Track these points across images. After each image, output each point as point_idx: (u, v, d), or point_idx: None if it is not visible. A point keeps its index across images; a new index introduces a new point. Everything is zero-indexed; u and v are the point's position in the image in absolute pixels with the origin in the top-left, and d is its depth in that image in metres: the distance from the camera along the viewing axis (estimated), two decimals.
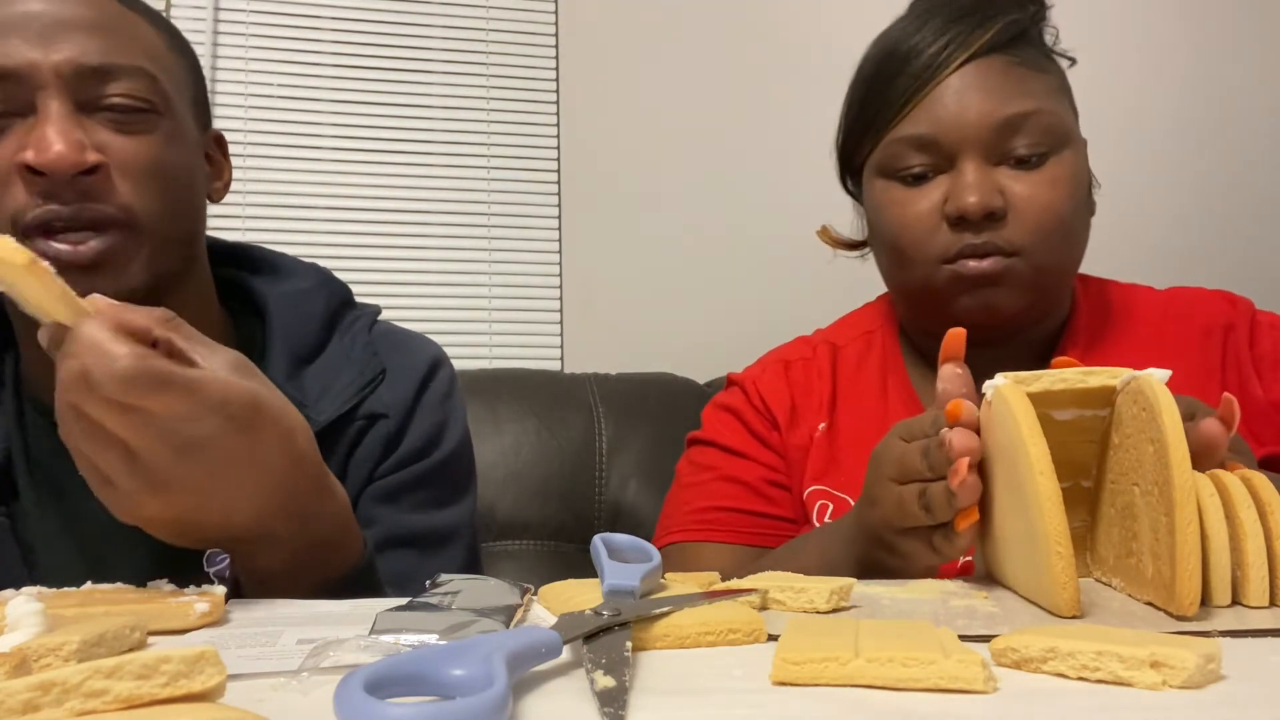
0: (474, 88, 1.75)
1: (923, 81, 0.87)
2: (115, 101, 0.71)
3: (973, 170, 0.85)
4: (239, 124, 1.66)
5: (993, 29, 0.88)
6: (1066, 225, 0.87)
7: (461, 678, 0.34)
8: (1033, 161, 0.86)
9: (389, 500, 0.82)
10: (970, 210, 0.84)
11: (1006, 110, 0.85)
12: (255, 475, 0.59)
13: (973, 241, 0.85)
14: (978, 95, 0.86)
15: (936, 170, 0.88)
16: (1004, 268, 0.85)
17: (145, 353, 0.54)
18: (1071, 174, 0.87)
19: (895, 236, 0.89)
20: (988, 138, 0.85)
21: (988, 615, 0.52)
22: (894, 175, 0.90)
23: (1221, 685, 0.38)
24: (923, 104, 0.87)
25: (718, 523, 0.94)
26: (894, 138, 0.89)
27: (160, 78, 0.74)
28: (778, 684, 0.39)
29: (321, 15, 1.70)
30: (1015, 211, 0.85)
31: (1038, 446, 0.51)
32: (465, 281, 1.73)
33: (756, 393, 0.98)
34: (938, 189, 0.87)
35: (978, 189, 0.84)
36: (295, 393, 0.80)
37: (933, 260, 0.87)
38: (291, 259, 0.90)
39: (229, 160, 0.85)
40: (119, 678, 0.30)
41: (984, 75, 0.87)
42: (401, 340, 0.89)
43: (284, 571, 0.63)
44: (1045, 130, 0.86)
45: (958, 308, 0.87)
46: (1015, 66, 0.87)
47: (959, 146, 0.86)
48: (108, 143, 0.71)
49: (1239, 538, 0.51)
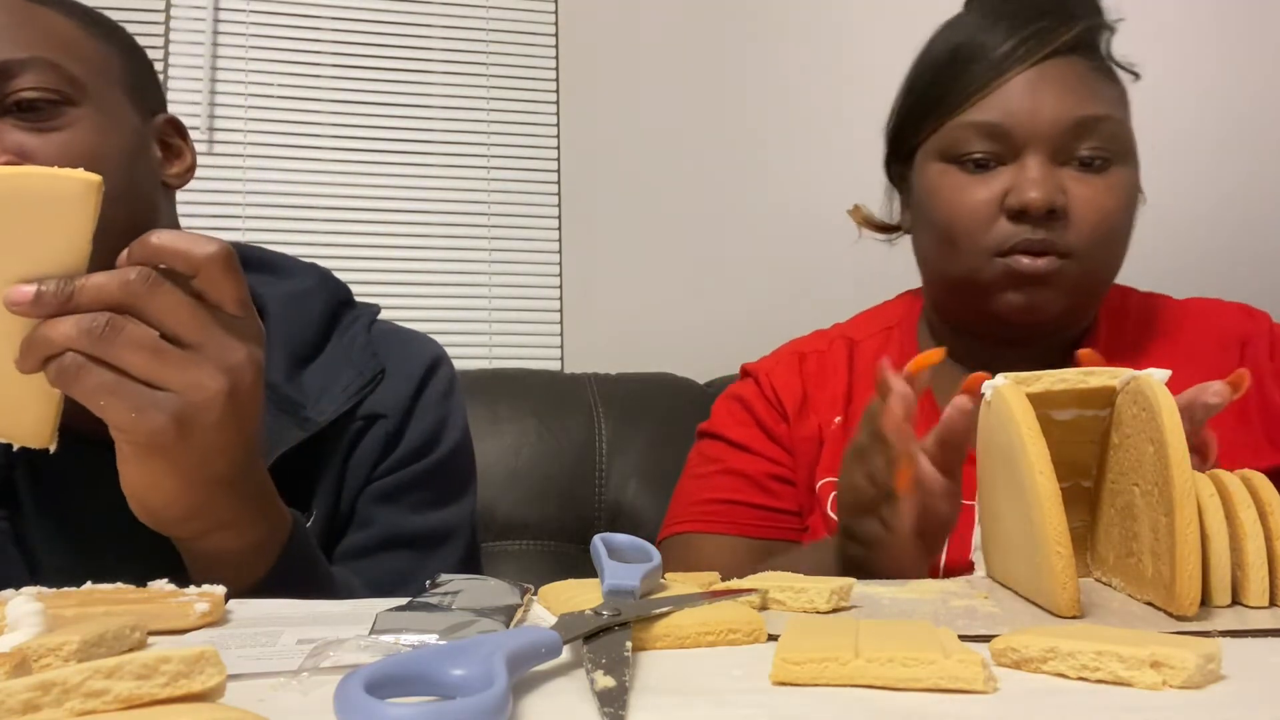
0: (474, 88, 1.75)
1: (999, 71, 0.87)
2: (22, 98, 0.69)
3: (1039, 165, 0.85)
4: (239, 124, 1.66)
5: (1074, 29, 0.88)
6: (1118, 234, 0.88)
7: (461, 678, 0.34)
8: (1095, 165, 0.87)
9: (388, 500, 0.82)
10: (1034, 205, 0.84)
11: (1080, 111, 0.86)
12: (249, 423, 0.60)
13: (1030, 237, 0.85)
14: (1053, 92, 0.86)
15: (999, 160, 0.87)
16: (1056, 268, 0.85)
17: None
18: (1129, 185, 0.88)
19: (949, 222, 0.89)
20: (1058, 136, 0.86)
21: (988, 615, 0.52)
22: (955, 159, 0.89)
23: (1221, 685, 0.38)
24: (996, 93, 0.87)
25: (719, 515, 0.95)
26: (961, 122, 0.88)
27: (67, 65, 0.71)
28: (778, 684, 0.39)
29: (321, 15, 1.70)
30: (1074, 213, 0.85)
31: (1037, 446, 0.51)
32: (465, 281, 1.73)
33: (769, 384, 0.99)
34: (999, 180, 0.87)
35: (1043, 185, 0.84)
36: (294, 393, 0.79)
37: (985, 251, 0.87)
38: (290, 259, 0.90)
39: (190, 144, 0.83)
40: (119, 678, 0.30)
41: (1061, 74, 0.87)
42: (401, 339, 0.89)
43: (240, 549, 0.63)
44: (1112, 138, 0.87)
45: (1001, 302, 0.87)
46: (1091, 71, 0.88)
47: (1028, 140, 0.86)
48: (21, 143, 0.68)
49: (1239, 538, 0.51)
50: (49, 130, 0.70)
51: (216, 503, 0.61)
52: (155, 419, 0.56)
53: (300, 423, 0.78)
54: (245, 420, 0.60)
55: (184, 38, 1.65)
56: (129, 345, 0.55)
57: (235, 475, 0.61)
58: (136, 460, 0.58)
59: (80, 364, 0.54)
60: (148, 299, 0.55)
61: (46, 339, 0.54)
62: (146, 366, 0.55)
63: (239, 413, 0.59)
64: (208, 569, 0.63)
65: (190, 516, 0.61)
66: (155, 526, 0.62)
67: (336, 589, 0.69)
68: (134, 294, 0.55)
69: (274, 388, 0.79)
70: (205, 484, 0.60)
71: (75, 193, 0.55)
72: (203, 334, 0.57)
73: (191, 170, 0.82)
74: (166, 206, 0.80)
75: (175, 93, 1.61)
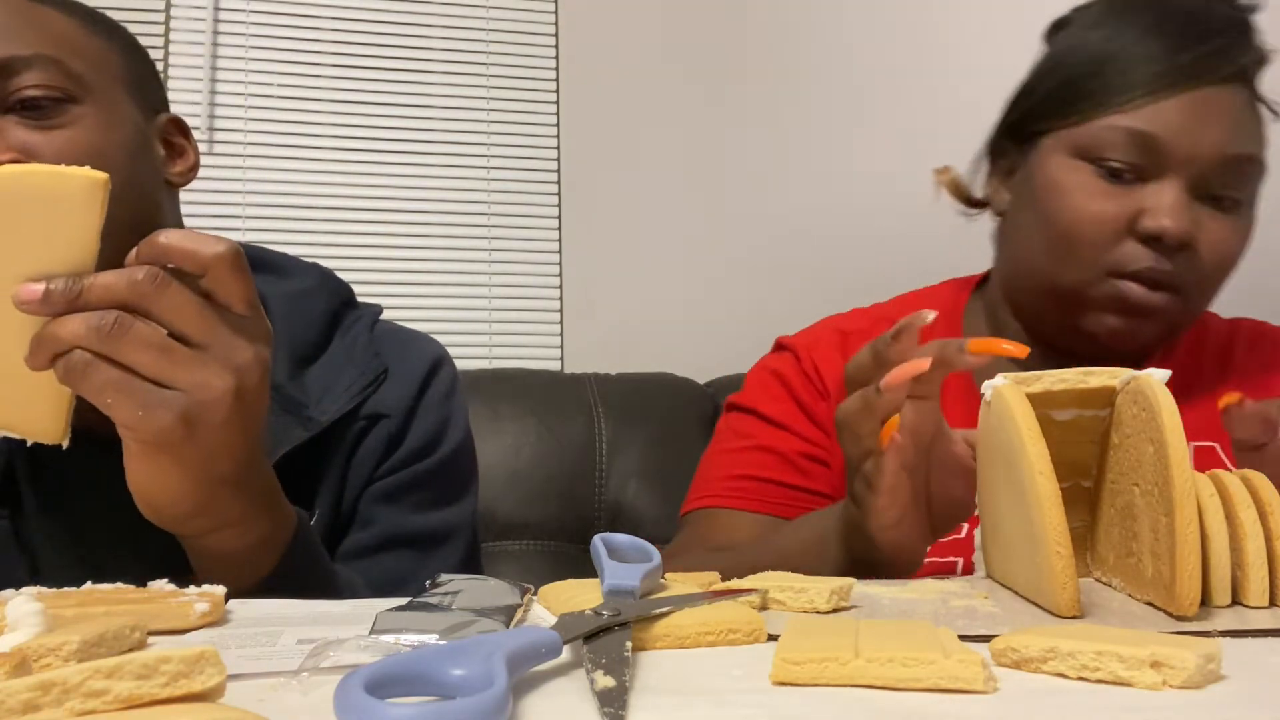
0: (474, 88, 1.75)
1: (1166, 82, 0.83)
2: (25, 96, 0.69)
3: (1179, 192, 0.82)
4: (239, 124, 1.65)
5: (1249, 55, 0.85)
6: (1227, 277, 0.86)
7: (461, 678, 0.34)
8: (1227, 206, 0.84)
9: (389, 500, 0.82)
10: (1173, 235, 0.81)
11: (1237, 148, 0.83)
12: (255, 422, 0.61)
13: (1155, 266, 0.82)
14: (1216, 120, 0.82)
15: (1138, 175, 0.83)
16: (1166, 304, 0.83)
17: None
18: (1249, 230, 0.86)
19: (1070, 224, 0.84)
20: (1208, 166, 0.82)
21: (988, 615, 0.52)
22: (1092, 159, 0.84)
23: (1221, 685, 0.38)
24: (1158, 104, 0.82)
25: (750, 492, 0.92)
26: (1111, 124, 0.84)
27: (70, 62, 0.71)
28: (778, 684, 0.39)
29: (321, 15, 1.70)
30: (1199, 250, 0.82)
31: (1037, 446, 0.51)
32: (465, 281, 1.73)
33: (810, 359, 0.96)
34: (1134, 196, 0.83)
35: (1185, 215, 0.81)
36: (297, 393, 0.79)
37: (1102, 267, 0.83)
38: (292, 259, 0.90)
39: (193, 143, 0.83)
40: (119, 678, 0.30)
41: (1225, 104, 0.83)
42: (403, 340, 0.89)
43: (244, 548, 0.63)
44: (1253, 179, 0.85)
45: (1099, 323, 0.85)
46: (1249, 105, 0.85)
47: (1176, 162, 0.82)
48: (25, 141, 0.69)
49: (1239, 538, 0.51)
50: (52, 128, 0.70)
51: (222, 501, 0.61)
52: (162, 417, 0.56)
53: (303, 422, 0.78)
54: (251, 419, 0.60)
55: (184, 38, 1.65)
56: (136, 343, 0.55)
57: (241, 474, 0.61)
58: (143, 458, 0.59)
59: (88, 361, 0.55)
60: (155, 298, 0.56)
61: (55, 336, 0.55)
62: (154, 365, 0.56)
63: (245, 412, 0.59)
64: (212, 566, 0.63)
65: (196, 514, 0.61)
66: (160, 524, 0.62)
67: (340, 588, 0.69)
68: (141, 293, 0.55)
69: (277, 387, 0.79)
70: (211, 482, 0.60)
71: (82, 190, 0.55)
72: (210, 333, 0.57)
73: (195, 169, 0.83)
74: (170, 205, 0.80)
75: (175, 93, 1.61)
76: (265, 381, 0.61)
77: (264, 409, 0.62)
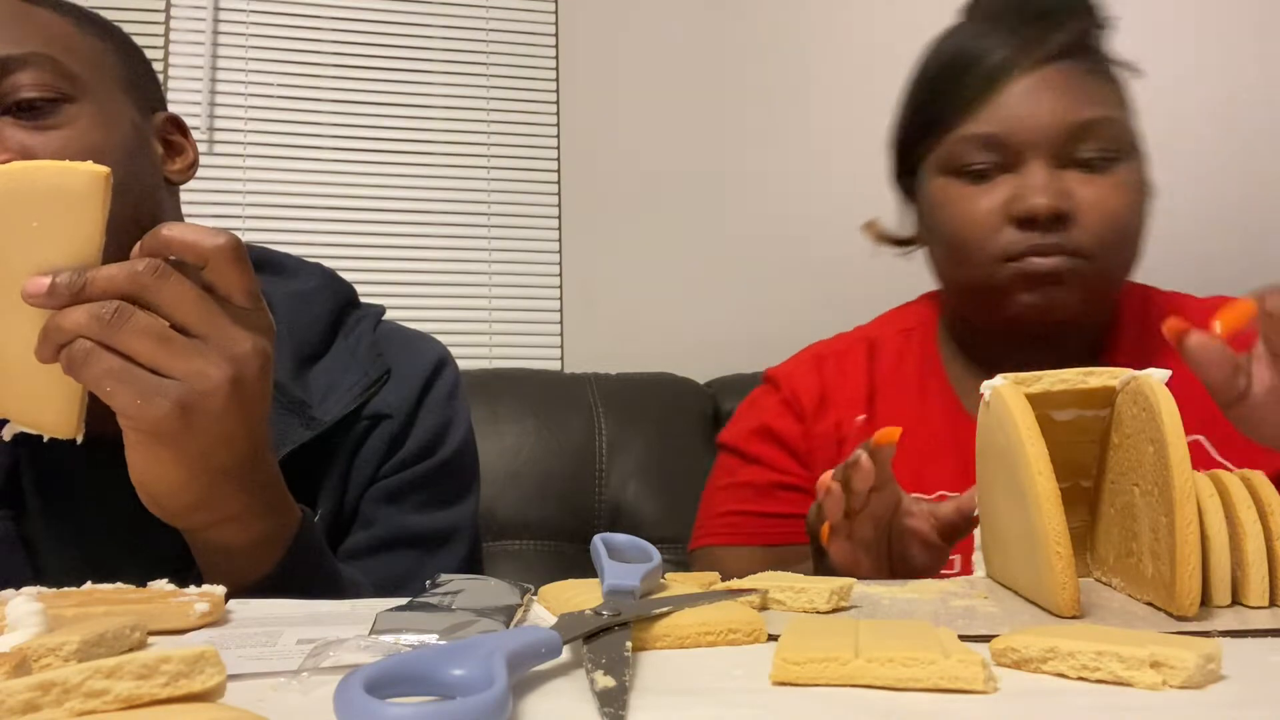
0: (474, 88, 1.75)
1: (993, 81, 0.88)
2: (21, 98, 0.69)
3: (1041, 172, 0.86)
4: (239, 124, 1.66)
5: (1065, 34, 0.88)
6: (1128, 230, 0.88)
7: (461, 678, 0.34)
8: (1099, 166, 0.87)
9: (391, 500, 0.82)
10: (1039, 211, 0.84)
11: (1079, 115, 0.86)
12: (255, 414, 0.61)
13: (1039, 242, 0.85)
14: (1050, 98, 0.87)
15: (1001, 169, 0.88)
16: (1069, 268, 0.86)
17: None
18: (1135, 181, 0.89)
19: (956, 233, 0.90)
20: (1058, 140, 0.86)
21: (988, 615, 0.52)
22: (957, 172, 0.90)
23: (1221, 685, 0.38)
24: (992, 104, 0.88)
25: (733, 527, 0.98)
26: (960, 135, 0.89)
27: (65, 61, 0.71)
28: (778, 684, 0.39)
29: (321, 15, 1.70)
30: (1081, 215, 0.86)
31: (1036, 447, 0.51)
32: (465, 281, 1.73)
33: (789, 387, 1.01)
34: (1002, 188, 0.88)
35: (1046, 191, 0.85)
36: (300, 392, 0.80)
37: (995, 258, 0.87)
38: (296, 259, 0.90)
39: (191, 141, 0.83)
40: (119, 678, 0.30)
41: (1056, 79, 0.87)
42: (406, 340, 0.89)
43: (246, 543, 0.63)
44: (1113, 138, 0.87)
45: (1018, 304, 0.88)
46: (1086, 74, 0.89)
47: (1027, 147, 0.87)
48: (22, 142, 0.68)
49: (1239, 538, 0.51)
50: (49, 129, 0.70)
51: (222, 494, 0.61)
52: (160, 405, 0.56)
53: (306, 422, 0.78)
54: (251, 412, 0.60)
55: (184, 38, 1.65)
56: (135, 332, 0.56)
57: (241, 467, 0.61)
58: (142, 448, 0.59)
59: (89, 349, 0.56)
60: (155, 289, 0.56)
61: (59, 327, 0.56)
62: (152, 353, 0.56)
63: (244, 403, 0.59)
64: (214, 561, 0.64)
65: (196, 507, 0.61)
66: (162, 516, 0.62)
67: (343, 587, 0.69)
68: (142, 284, 0.56)
69: (280, 387, 0.79)
70: (210, 474, 0.60)
71: (84, 185, 0.56)
72: (209, 324, 0.58)
73: (194, 166, 0.83)
74: (170, 202, 0.80)
75: (175, 93, 1.61)
76: (266, 374, 0.61)
77: (265, 402, 0.62)
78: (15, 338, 0.57)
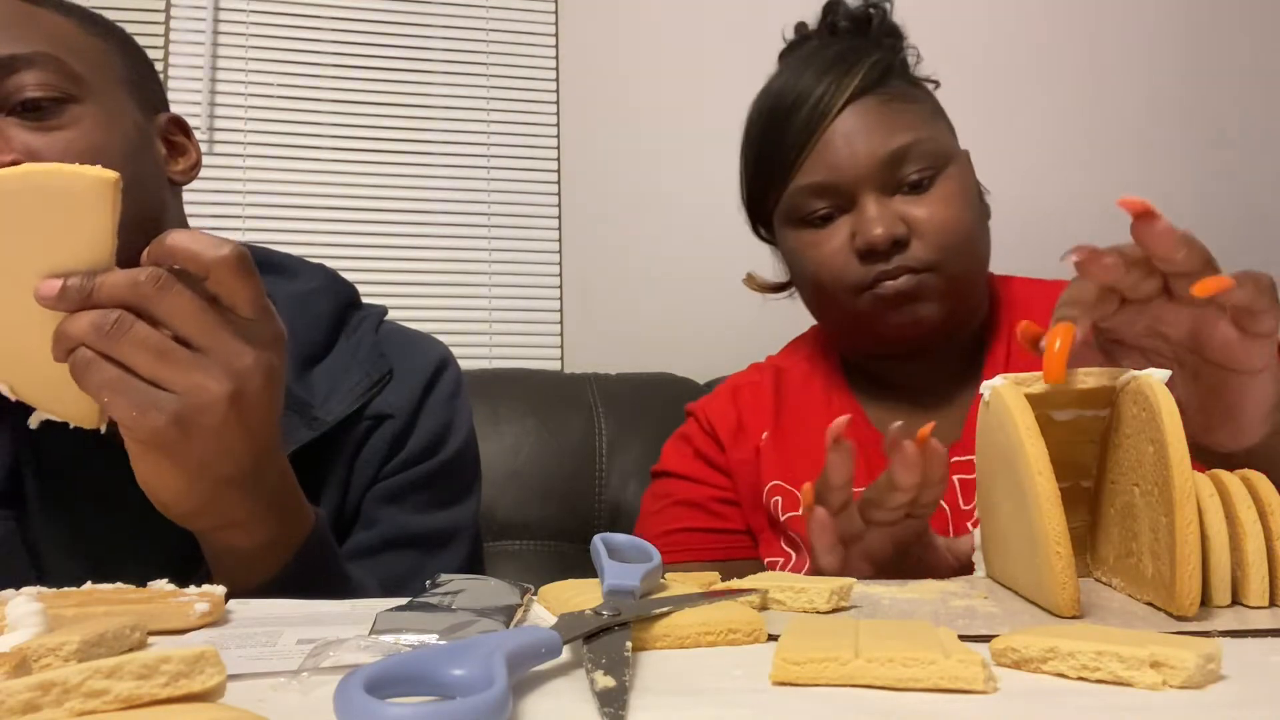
0: (474, 88, 1.75)
1: (809, 133, 0.94)
2: (26, 98, 0.69)
3: (873, 205, 0.91)
4: (239, 124, 1.65)
5: (860, 72, 0.94)
6: (967, 234, 0.93)
7: (461, 678, 0.34)
8: (924, 185, 0.92)
9: (393, 500, 0.82)
10: (878, 241, 0.90)
11: (890, 145, 0.91)
12: (259, 426, 0.61)
13: (884, 268, 0.91)
14: (861, 137, 0.92)
15: (840, 210, 0.94)
16: (918, 283, 0.91)
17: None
18: (961, 188, 0.94)
19: (814, 275, 0.96)
20: (878, 173, 0.92)
21: (988, 615, 0.52)
22: (802, 222, 0.96)
23: (1221, 685, 0.38)
24: (814, 153, 0.93)
25: (677, 544, 0.99)
26: (795, 188, 0.95)
27: (69, 62, 0.71)
28: (778, 684, 0.39)
29: (321, 15, 1.70)
30: (918, 233, 0.91)
31: (1035, 447, 0.51)
32: (465, 281, 1.73)
33: (705, 418, 1.05)
34: (844, 227, 0.93)
35: (880, 221, 0.90)
36: (303, 393, 0.80)
37: (851, 290, 0.93)
38: (298, 259, 0.90)
39: (194, 141, 0.84)
40: (119, 678, 0.30)
41: (862, 117, 0.93)
42: (408, 340, 0.89)
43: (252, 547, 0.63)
44: (928, 155, 0.92)
45: (885, 326, 0.93)
46: (888, 103, 0.94)
47: (855, 186, 0.92)
48: (27, 142, 0.69)
49: (1239, 537, 0.51)
50: (53, 129, 0.70)
51: (226, 501, 0.61)
52: (155, 418, 0.56)
53: (308, 422, 0.78)
54: (254, 424, 0.60)
55: (184, 38, 1.65)
56: (134, 344, 0.56)
57: (244, 476, 0.61)
58: (142, 456, 0.59)
59: (89, 359, 0.56)
60: (156, 300, 0.56)
61: (66, 333, 0.56)
62: (150, 366, 0.56)
63: (245, 416, 0.59)
64: (222, 561, 0.64)
65: (199, 513, 0.62)
66: (169, 517, 0.62)
67: (353, 590, 0.69)
68: (143, 294, 0.56)
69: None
70: (212, 483, 0.60)
71: (93, 189, 0.56)
72: (210, 337, 0.57)
73: (197, 167, 0.83)
74: (174, 203, 0.81)
75: (175, 93, 1.61)
76: (271, 385, 0.61)
77: (272, 412, 0.62)
78: (38, 328, 0.57)
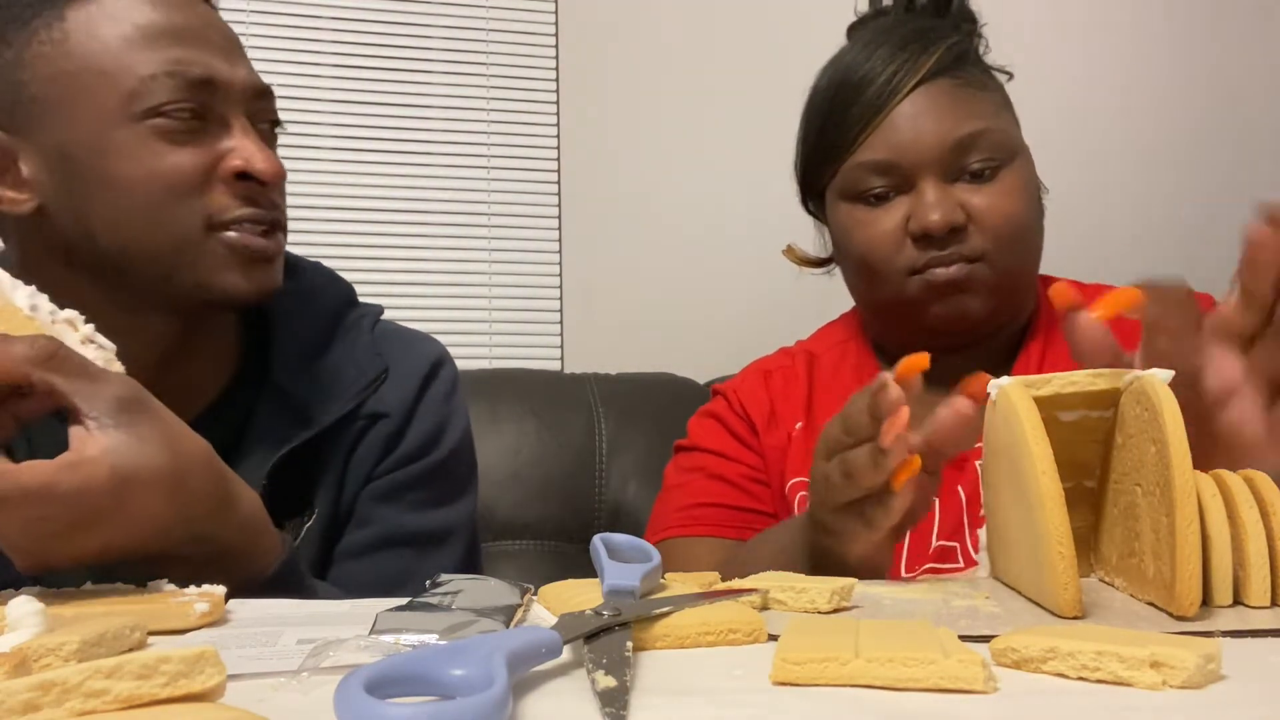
0: (474, 88, 1.75)
1: (876, 109, 0.93)
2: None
3: (932, 190, 0.91)
4: None
5: (936, 54, 0.93)
6: (1024, 230, 0.93)
7: (461, 678, 0.34)
8: (986, 175, 0.92)
9: (387, 499, 0.82)
10: (934, 227, 0.89)
11: (958, 131, 0.91)
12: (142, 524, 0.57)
13: (938, 254, 0.90)
14: (930, 119, 0.91)
15: (897, 190, 0.93)
16: (969, 273, 0.90)
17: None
18: (1024, 183, 0.93)
19: (863, 254, 0.94)
20: (943, 158, 0.91)
21: (989, 615, 0.52)
22: (857, 198, 0.95)
23: (1222, 685, 0.38)
24: (879, 131, 0.93)
25: (705, 518, 0.97)
26: (854, 164, 0.94)
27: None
28: (778, 684, 0.39)
29: (321, 15, 1.70)
30: (976, 223, 0.91)
31: (1040, 446, 0.51)
32: (465, 281, 1.73)
33: (738, 400, 1.04)
34: (900, 208, 0.92)
35: (939, 207, 0.90)
36: (300, 392, 0.80)
37: (901, 273, 0.92)
38: (296, 257, 0.90)
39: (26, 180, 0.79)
40: (119, 678, 0.30)
41: (933, 99, 0.92)
42: (404, 340, 0.89)
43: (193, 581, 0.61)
44: (995, 145, 0.92)
45: (929, 315, 0.92)
46: (961, 88, 0.93)
47: (917, 169, 0.91)
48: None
49: (1241, 538, 0.51)
50: None
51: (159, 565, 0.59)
52: None
53: (304, 421, 0.78)
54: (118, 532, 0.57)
55: None
56: None
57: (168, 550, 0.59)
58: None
59: None
60: None
61: None
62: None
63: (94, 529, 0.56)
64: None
65: (144, 562, 0.60)
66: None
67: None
68: None
69: (279, 386, 0.79)
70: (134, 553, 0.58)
71: None
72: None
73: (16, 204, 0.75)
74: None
75: None
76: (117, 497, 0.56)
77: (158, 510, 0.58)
78: None
